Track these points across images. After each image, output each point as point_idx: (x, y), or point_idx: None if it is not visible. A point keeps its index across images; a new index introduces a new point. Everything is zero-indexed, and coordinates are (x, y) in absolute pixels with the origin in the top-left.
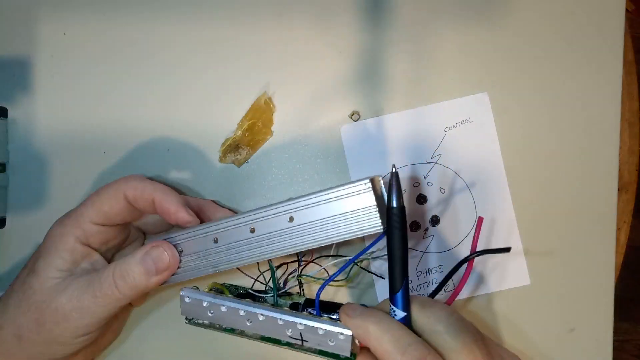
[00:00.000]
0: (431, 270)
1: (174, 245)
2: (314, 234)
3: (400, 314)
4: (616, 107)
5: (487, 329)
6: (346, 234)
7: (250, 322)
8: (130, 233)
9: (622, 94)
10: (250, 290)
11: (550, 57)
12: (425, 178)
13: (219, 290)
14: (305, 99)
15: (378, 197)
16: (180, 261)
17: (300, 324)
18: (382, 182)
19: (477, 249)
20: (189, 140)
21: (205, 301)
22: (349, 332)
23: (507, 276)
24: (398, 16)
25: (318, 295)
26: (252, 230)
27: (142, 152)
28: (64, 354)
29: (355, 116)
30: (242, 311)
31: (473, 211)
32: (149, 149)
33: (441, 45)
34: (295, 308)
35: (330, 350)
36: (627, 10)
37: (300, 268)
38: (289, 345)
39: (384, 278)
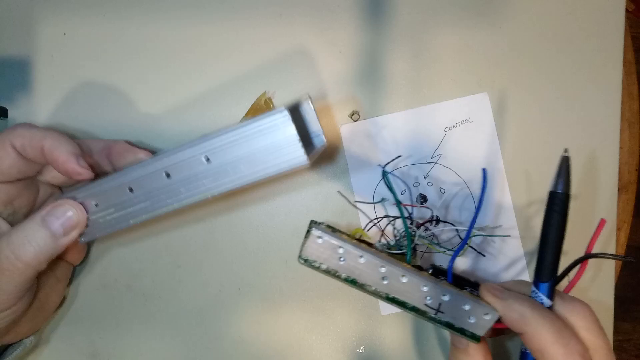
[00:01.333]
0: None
1: (86, 201)
2: (234, 174)
3: (547, 302)
4: (616, 107)
5: None
6: (267, 169)
7: (387, 281)
8: (40, 190)
9: (622, 94)
10: (377, 246)
11: (550, 57)
12: (425, 178)
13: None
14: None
15: (304, 123)
16: (89, 218)
17: (446, 295)
18: (310, 103)
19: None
20: (189, 141)
21: (343, 247)
22: (496, 314)
23: (507, 276)
24: (398, 16)
25: (450, 266)
26: (168, 175)
27: None
28: None
29: (355, 116)
30: (384, 268)
31: (473, 211)
32: (149, 149)
33: (441, 45)
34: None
35: (463, 327)
36: (627, 10)
37: (421, 225)
38: (414, 310)
39: (484, 255)
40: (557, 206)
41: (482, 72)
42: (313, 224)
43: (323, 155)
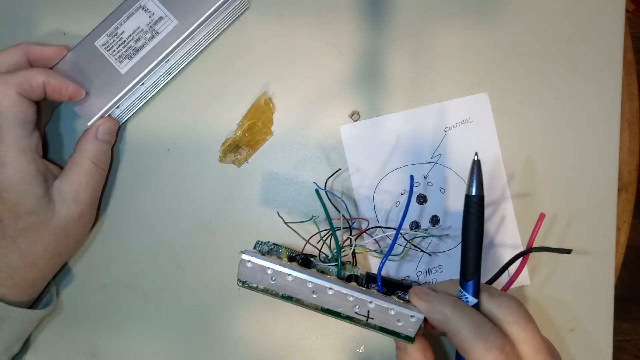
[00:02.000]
0: (431, 270)
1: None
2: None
3: (473, 300)
4: (616, 107)
5: None
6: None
7: (317, 294)
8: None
9: (622, 94)
10: (311, 259)
11: (550, 57)
12: (425, 178)
13: (277, 250)
14: (305, 99)
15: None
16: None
17: (372, 302)
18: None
19: (535, 245)
20: (189, 140)
21: (270, 269)
22: (421, 315)
23: (507, 276)
24: (398, 16)
25: (380, 271)
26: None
27: (142, 152)
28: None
29: (355, 116)
30: (310, 283)
31: None
32: (149, 148)
33: (441, 45)
34: (353, 281)
35: (394, 329)
36: (627, 10)
37: (355, 236)
38: (349, 319)
39: (430, 255)
40: (473, 208)
41: (482, 72)
42: (257, 244)
43: (323, 156)
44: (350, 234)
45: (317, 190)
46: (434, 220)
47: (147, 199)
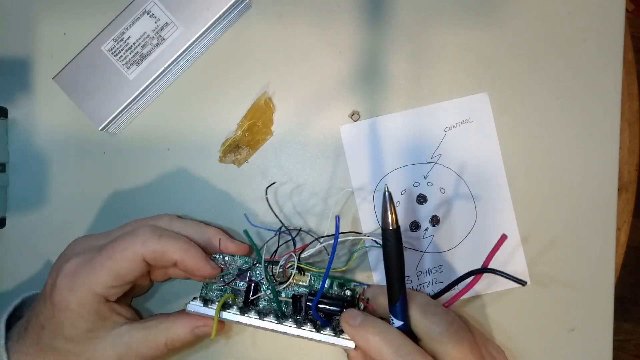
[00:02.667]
0: (431, 271)
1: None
2: None
3: (398, 323)
4: (616, 107)
5: (487, 329)
6: None
7: (261, 329)
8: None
9: (622, 94)
10: (251, 298)
11: (550, 57)
12: (425, 178)
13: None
14: (305, 99)
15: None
16: None
17: (305, 337)
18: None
19: (490, 266)
20: (189, 140)
21: (211, 315)
22: (352, 345)
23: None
24: (398, 16)
25: (314, 308)
26: None
27: (142, 152)
28: None
29: (355, 116)
30: (251, 326)
31: (473, 211)
32: (149, 148)
33: (441, 45)
34: (298, 301)
35: (335, 343)
36: (627, 10)
37: (298, 252)
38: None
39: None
40: (390, 241)
41: (482, 72)
42: (203, 288)
43: (323, 156)
44: (295, 247)
45: (245, 231)
46: (434, 220)
47: (147, 199)
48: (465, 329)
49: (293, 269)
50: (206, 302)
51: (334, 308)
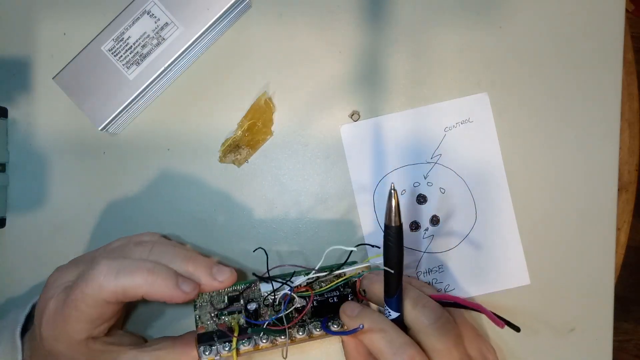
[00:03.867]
0: (431, 270)
1: None
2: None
3: (394, 314)
4: (616, 107)
5: (487, 329)
6: None
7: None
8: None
9: (622, 94)
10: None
11: (550, 57)
12: (425, 178)
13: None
14: (305, 99)
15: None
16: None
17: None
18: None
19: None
20: (189, 140)
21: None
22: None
23: (507, 276)
24: (398, 16)
25: (324, 327)
26: None
27: (142, 152)
28: None
29: (355, 116)
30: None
31: (473, 211)
32: (149, 148)
33: (441, 45)
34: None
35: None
36: (627, 10)
37: (295, 293)
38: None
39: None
40: (392, 237)
41: (482, 72)
42: (201, 312)
43: (323, 156)
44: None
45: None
46: (434, 220)
47: (147, 199)
48: (453, 324)
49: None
50: (211, 339)
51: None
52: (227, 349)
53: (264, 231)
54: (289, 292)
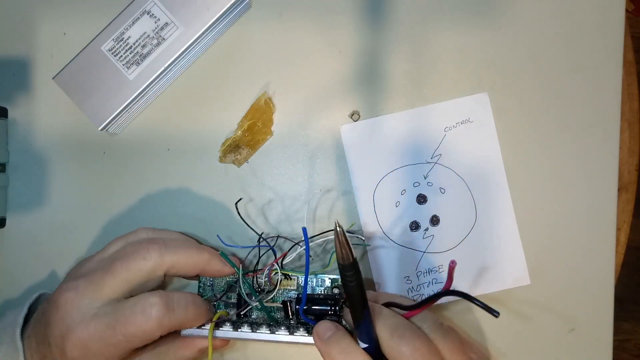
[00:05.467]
0: (431, 270)
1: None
2: None
3: (363, 345)
4: (616, 107)
5: (487, 329)
6: None
7: (256, 341)
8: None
9: (622, 94)
10: (240, 312)
11: (550, 57)
12: (425, 178)
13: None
14: (305, 99)
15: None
16: None
17: (299, 342)
18: None
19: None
20: (189, 140)
21: (206, 336)
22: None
23: (507, 276)
24: (398, 16)
25: (301, 313)
26: None
27: (142, 152)
28: None
29: (355, 116)
30: (245, 339)
31: (473, 211)
32: (149, 148)
33: (441, 45)
34: (288, 306)
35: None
36: (627, 10)
37: (279, 260)
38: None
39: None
40: (348, 274)
41: (482, 72)
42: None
43: (323, 156)
44: (275, 256)
45: (221, 253)
46: (434, 220)
47: (147, 199)
48: (434, 349)
49: (278, 276)
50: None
51: (323, 308)
52: (206, 327)
53: (264, 231)
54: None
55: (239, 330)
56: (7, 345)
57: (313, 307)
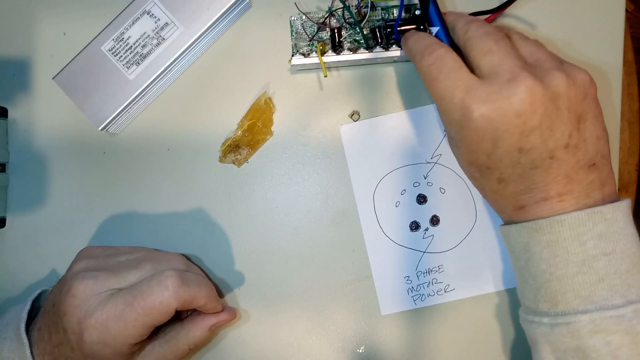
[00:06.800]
0: (431, 270)
1: None
2: None
3: (434, 29)
4: (616, 107)
5: (487, 329)
6: None
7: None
8: None
9: (622, 94)
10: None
11: None
12: (425, 178)
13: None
14: (305, 99)
15: None
16: None
17: (392, 56)
18: None
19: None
20: (189, 140)
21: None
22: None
23: (507, 276)
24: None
25: (396, 31)
26: None
27: (142, 152)
28: None
29: (355, 116)
30: (347, 62)
31: (473, 211)
32: (149, 148)
33: None
34: (377, 31)
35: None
36: (627, 10)
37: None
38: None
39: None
40: None
41: None
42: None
43: (323, 156)
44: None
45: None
46: (434, 220)
47: (147, 199)
48: (502, 32)
49: (367, 7)
50: (303, 55)
51: (410, 27)
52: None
53: (264, 231)
54: None
55: (341, 54)
56: (11, 340)
57: (401, 28)
